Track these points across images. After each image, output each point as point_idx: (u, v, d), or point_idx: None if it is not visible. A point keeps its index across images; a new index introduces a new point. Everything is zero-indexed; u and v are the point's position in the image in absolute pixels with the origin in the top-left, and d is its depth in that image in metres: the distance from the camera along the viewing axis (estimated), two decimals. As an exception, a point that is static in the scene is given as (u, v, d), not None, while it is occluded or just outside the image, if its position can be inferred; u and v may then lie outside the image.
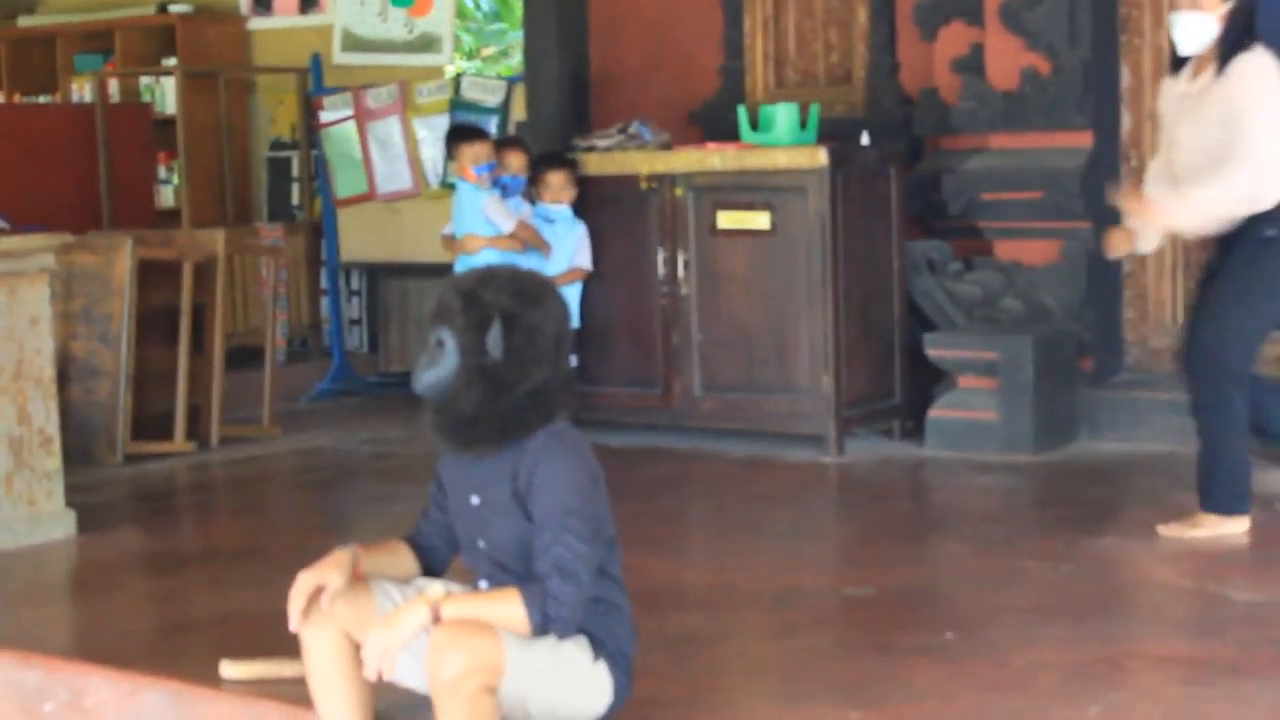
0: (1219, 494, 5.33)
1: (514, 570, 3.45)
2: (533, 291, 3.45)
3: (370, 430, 8.09)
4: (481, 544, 3.49)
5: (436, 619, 3.27)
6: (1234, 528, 5.32)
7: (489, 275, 3.46)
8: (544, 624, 3.31)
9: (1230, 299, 5.20)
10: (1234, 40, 5.13)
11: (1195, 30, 5.18)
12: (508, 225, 7.15)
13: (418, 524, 3.68)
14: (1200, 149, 5.18)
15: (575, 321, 7.39)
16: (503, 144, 7.49)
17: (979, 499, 6.16)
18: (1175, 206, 5.23)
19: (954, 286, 7.15)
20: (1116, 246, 5.51)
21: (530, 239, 7.22)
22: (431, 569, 3.64)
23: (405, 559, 3.62)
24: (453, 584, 3.55)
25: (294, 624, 3.44)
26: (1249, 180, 5.07)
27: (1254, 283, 5.20)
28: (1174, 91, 5.32)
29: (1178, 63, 5.33)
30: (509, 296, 3.42)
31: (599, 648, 3.44)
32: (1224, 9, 5.14)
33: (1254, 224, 5.14)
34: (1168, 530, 5.36)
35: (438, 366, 3.41)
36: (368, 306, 9.90)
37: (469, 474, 3.50)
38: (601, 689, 3.45)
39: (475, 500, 3.48)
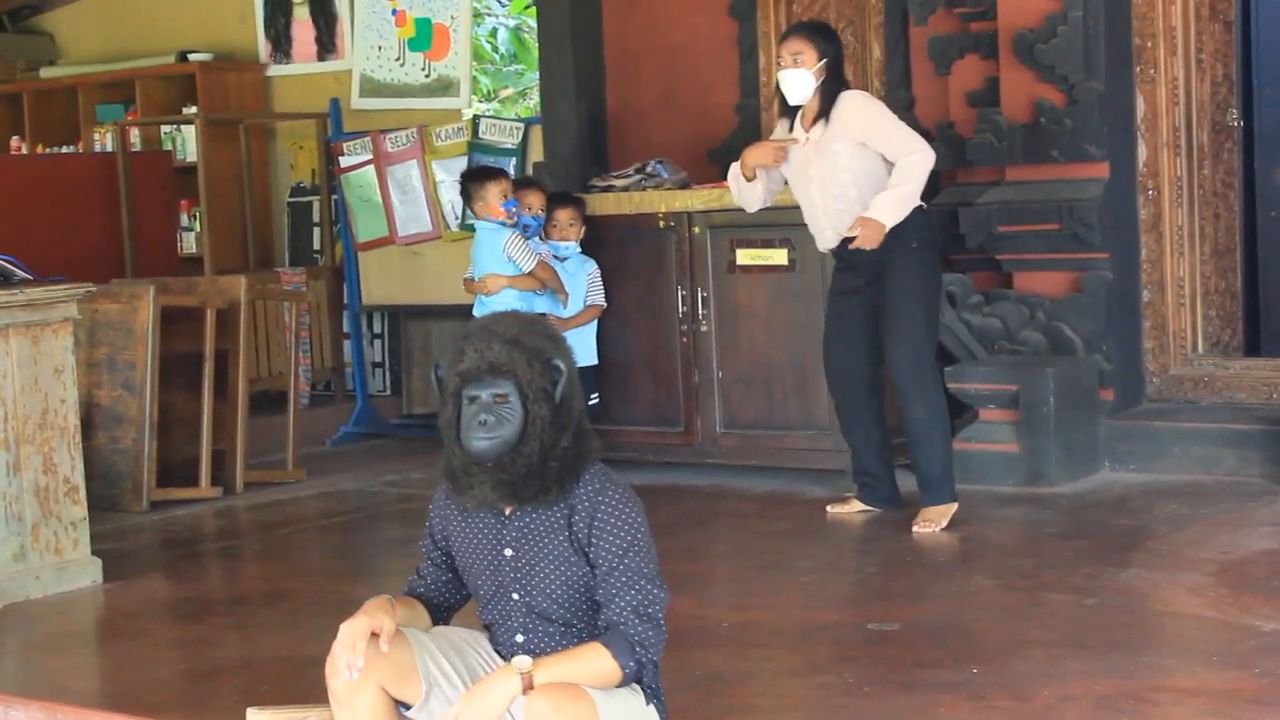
0: (943, 485, 6.15)
1: (557, 619, 3.42)
2: (555, 332, 3.50)
3: (394, 472, 8.12)
4: (516, 596, 3.45)
5: (527, 688, 3.20)
6: (951, 511, 6.14)
7: (522, 324, 3.43)
8: (637, 671, 3.30)
9: (908, 310, 6.10)
10: (832, 88, 6.10)
11: (799, 84, 6.11)
12: (528, 264, 7.18)
13: (411, 583, 3.62)
14: (838, 183, 6.13)
15: (594, 359, 7.43)
16: (521, 184, 7.53)
17: (1002, 532, 6.15)
18: (887, 212, 5.99)
19: (974, 319, 7.16)
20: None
21: (549, 280, 7.25)
22: (438, 624, 3.60)
23: (423, 614, 3.58)
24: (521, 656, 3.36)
25: (354, 673, 3.29)
26: (925, 163, 6.03)
27: (921, 288, 6.14)
28: (800, 143, 6.19)
29: (790, 114, 6.25)
30: (548, 340, 3.43)
31: (648, 691, 3.41)
32: (819, 65, 6.08)
33: (899, 238, 6.05)
34: (915, 526, 6.07)
35: (507, 422, 3.36)
36: (390, 349, 9.93)
37: (500, 527, 3.45)
38: (652, 732, 3.46)
39: (509, 553, 3.44)
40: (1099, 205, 6.94)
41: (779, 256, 7.12)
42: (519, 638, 3.47)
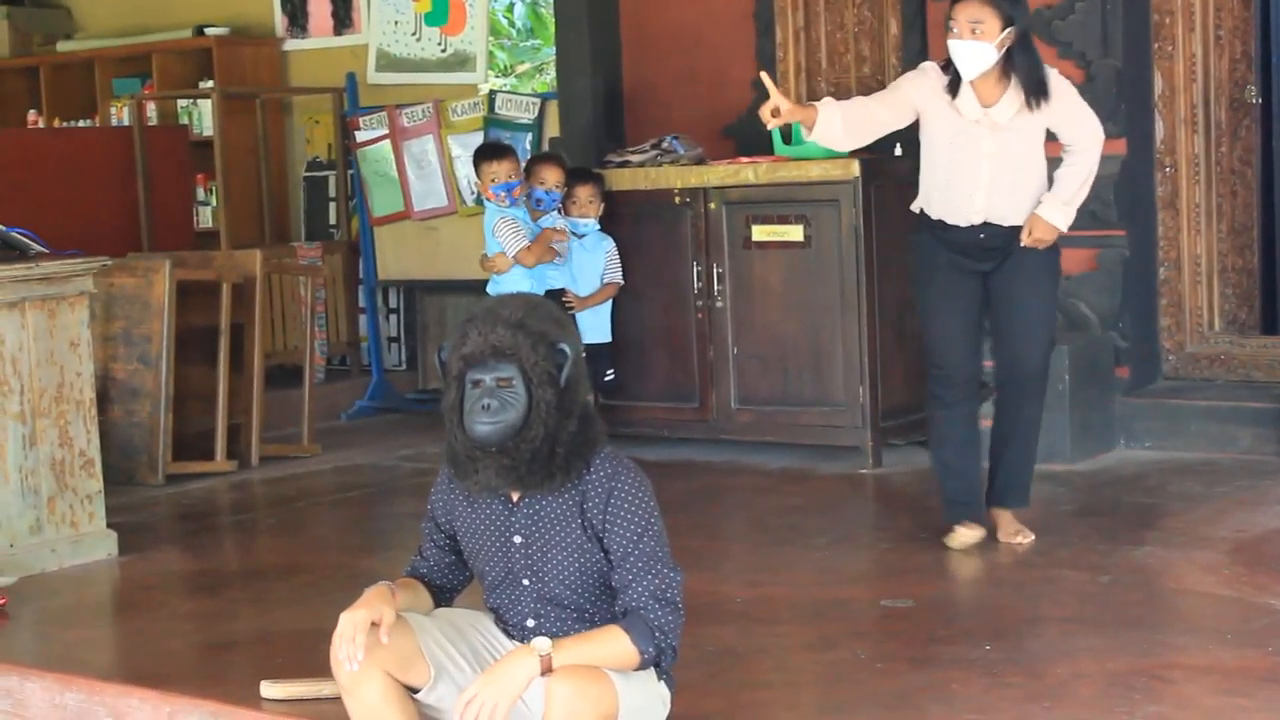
0: (1030, 488, 5.64)
1: (569, 605, 3.43)
2: (561, 315, 3.47)
3: (409, 447, 8.12)
4: (526, 582, 3.45)
5: (545, 670, 3.20)
6: None
7: (527, 306, 3.40)
8: (657, 656, 3.30)
9: (1044, 308, 5.54)
10: (1023, 61, 5.35)
11: (977, 58, 5.30)
12: (513, 247, 7.11)
13: (414, 564, 3.63)
14: (1018, 165, 5.43)
15: (609, 336, 7.42)
16: (539, 160, 7.52)
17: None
18: (1063, 217, 5.45)
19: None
20: None
21: (541, 257, 7.17)
22: (440, 605, 3.61)
23: (425, 596, 3.58)
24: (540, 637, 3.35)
25: (355, 664, 3.29)
26: (1100, 145, 5.50)
27: (1051, 287, 5.59)
28: (967, 115, 5.41)
29: (954, 86, 5.42)
30: (553, 323, 3.40)
31: (659, 668, 3.42)
32: (1002, 37, 5.27)
33: None
34: (1017, 539, 5.52)
35: (511, 407, 3.33)
36: (405, 324, 9.94)
37: (508, 514, 3.45)
38: (665, 706, 3.46)
39: (519, 539, 3.44)
40: (1116, 182, 6.92)
41: (795, 233, 7.11)
42: (530, 623, 3.46)
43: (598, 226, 7.45)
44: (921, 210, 5.60)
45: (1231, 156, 7.26)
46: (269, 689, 4.23)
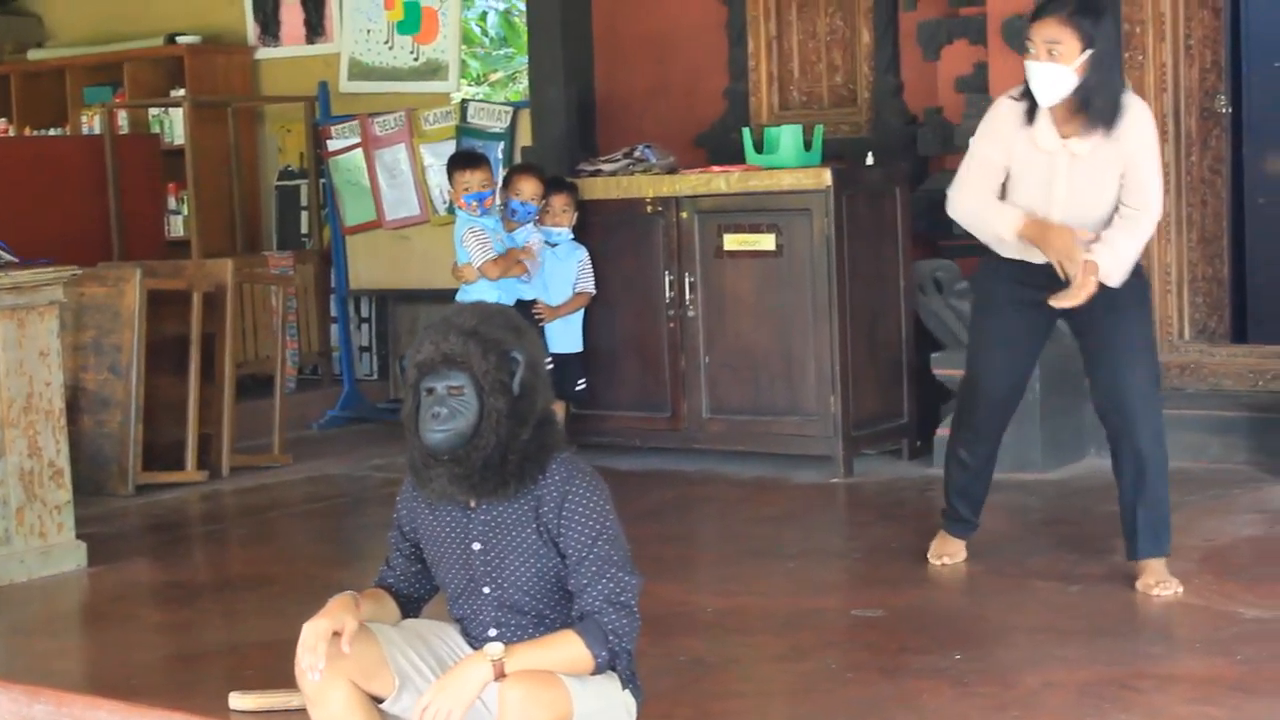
0: (1168, 530, 5.10)
1: (529, 611, 3.43)
2: (520, 323, 3.47)
3: (380, 457, 8.10)
4: (487, 590, 3.45)
5: (499, 675, 3.22)
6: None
7: (482, 315, 3.42)
8: (610, 660, 3.30)
9: (1138, 334, 5.10)
10: (1100, 85, 4.91)
11: (1053, 82, 4.89)
12: (478, 259, 7.10)
13: (382, 574, 3.64)
14: (1093, 206, 5.00)
15: (580, 345, 7.42)
16: (517, 171, 7.50)
17: (987, 518, 6.09)
18: (1113, 265, 4.95)
19: (960, 305, 7.15)
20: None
21: (506, 271, 7.15)
22: (408, 615, 3.62)
23: (390, 606, 3.58)
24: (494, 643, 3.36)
25: (316, 674, 3.30)
26: (1155, 223, 5.05)
27: (1146, 313, 5.17)
28: (1043, 146, 5.00)
29: (1032, 113, 5.01)
30: (508, 331, 3.41)
31: (624, 676, 3.42)
32: (1081, 60, 4.86)
33: None
34: (1155, 590, 4.97)
35: (461, 415, 3.34)
36: (377, 333, 9.93)
37: (466, 522, 3.45)
38: (630, 714, 3.46)
39: (477, 546, 3.44)
40: (1086, 192, 6.91)
41: (766, 242, 7.12)
42: (491, 632, 3.46)
43: (571, 235, 7.45)
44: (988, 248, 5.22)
45: (1201, 166, 7.29)
46: (238, 700, 4.22)
